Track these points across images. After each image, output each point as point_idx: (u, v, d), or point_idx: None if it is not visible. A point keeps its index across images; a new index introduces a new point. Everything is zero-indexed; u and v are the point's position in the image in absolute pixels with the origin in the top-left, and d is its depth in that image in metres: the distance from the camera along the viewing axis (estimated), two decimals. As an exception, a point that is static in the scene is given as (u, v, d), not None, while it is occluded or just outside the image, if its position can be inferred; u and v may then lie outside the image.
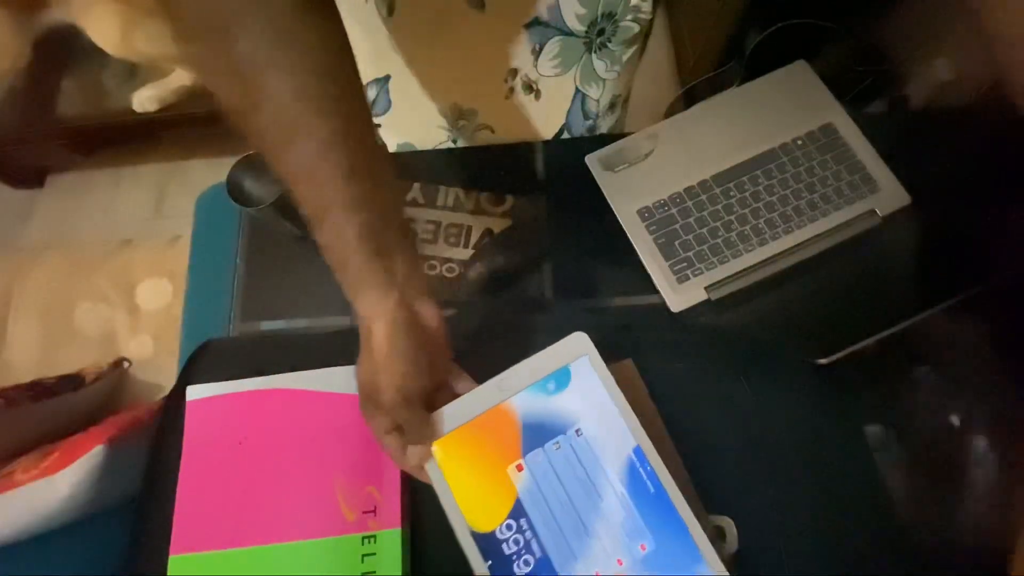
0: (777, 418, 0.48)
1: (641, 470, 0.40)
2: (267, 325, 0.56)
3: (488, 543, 0.38)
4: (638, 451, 0.40)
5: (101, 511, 0.62)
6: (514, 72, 0.60)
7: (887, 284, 0.53)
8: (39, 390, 0.93)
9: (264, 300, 0.57)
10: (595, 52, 0.59)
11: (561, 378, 0.42)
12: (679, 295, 0.53)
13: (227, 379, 0.51)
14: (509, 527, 0.39)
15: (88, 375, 1.07)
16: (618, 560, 0.38)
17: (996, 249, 0.52)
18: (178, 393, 0.52)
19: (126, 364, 1.18)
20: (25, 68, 1.27)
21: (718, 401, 0.49)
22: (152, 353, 1.25)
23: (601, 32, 0.57)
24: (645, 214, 0.56)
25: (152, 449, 0.51)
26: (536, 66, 0.59)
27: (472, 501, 0.40)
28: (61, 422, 0.81)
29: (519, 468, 0.40)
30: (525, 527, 0.39)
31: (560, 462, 0.40)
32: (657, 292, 0.54)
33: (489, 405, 0.41)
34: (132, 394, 1.18)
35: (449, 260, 0.57)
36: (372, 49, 0.57)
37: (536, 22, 0.54)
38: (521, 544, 0.38)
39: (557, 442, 0.41)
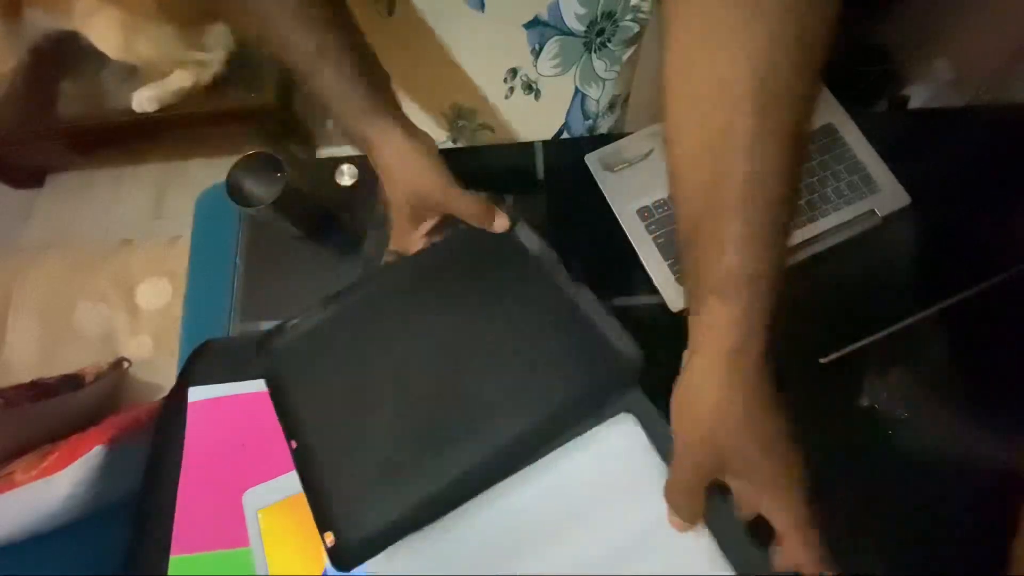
0: (777, 418, 0.48)
1: None
2: (267, 325, 0.56)
3: None
4: None
5: (101, 511, 0.62)
6: (514, 72, 0.60)
7: (887, 284, 0.53)
8: (39, 390, 0.93)
9: (264, 300, 0.57)
10: (595, 52, 0.59)
11: None
12: (679, 295, 0.53)
13: (226, 379, 0.51)
14: None
15: (88, 375, 1.07)
16: None
17: (996, 249, 0.52)
18: (178, 393, 0.52)
19: (126, 364, 1.18)
20: (25, 69, 1.28)
21: (718, 401, 0.49)
22: (152, 353, 1.25)
23: (601, 32, 0.57)
24: (645, 214, 0.56)
25: (152, 449, 0.51)
26: (536, 66, 0.59)
27: (284, 569, 0.42)
28: (61, 422, 0.81)
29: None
30: None
31: None
32: (657, 292, 0.54)
33: None
34: (132, 394, 1.18)
35: (449, 260, 0.57)
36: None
37: (536, 22, 0.54)
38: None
39: None
